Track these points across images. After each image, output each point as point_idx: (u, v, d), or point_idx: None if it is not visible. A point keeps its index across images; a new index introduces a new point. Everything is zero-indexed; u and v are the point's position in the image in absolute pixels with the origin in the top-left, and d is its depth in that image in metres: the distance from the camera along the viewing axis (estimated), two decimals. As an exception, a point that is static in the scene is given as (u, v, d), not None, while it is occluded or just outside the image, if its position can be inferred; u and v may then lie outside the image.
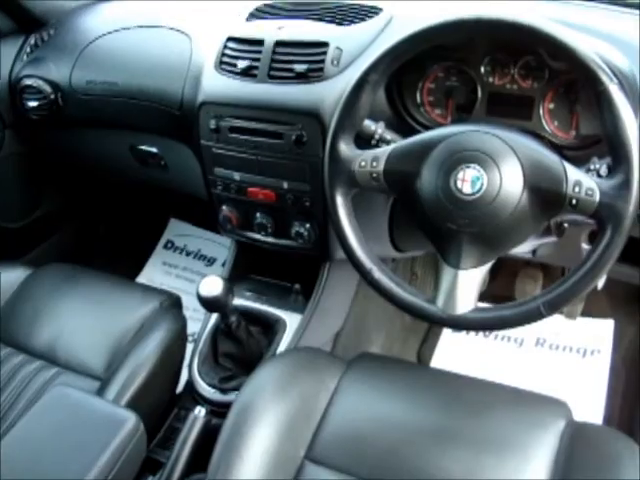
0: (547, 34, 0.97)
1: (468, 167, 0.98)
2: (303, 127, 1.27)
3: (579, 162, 0.99)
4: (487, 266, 1.05)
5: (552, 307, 1.00)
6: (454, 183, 1.00)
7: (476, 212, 0.99)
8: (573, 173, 0.96)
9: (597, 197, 0.94)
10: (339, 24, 1.31)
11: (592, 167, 0.99)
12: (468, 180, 0.99)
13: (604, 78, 0.94)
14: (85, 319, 1.49)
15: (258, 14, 1.46)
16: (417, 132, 1.08)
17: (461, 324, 1.05)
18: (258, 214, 1.45)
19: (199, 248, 2.45)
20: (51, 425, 1.06)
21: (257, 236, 1.49)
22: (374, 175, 1.08)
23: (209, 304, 1.34)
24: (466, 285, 1.04)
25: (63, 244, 2.27)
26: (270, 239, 1.47)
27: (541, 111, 1.14)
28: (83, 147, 1.86)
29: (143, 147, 1.69)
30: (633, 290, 1.79)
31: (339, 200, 1.11)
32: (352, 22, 1.31)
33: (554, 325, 1.99)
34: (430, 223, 1.06)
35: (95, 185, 2.19)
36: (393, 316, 1.96)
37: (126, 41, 1.66)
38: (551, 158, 0.99)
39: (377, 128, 1.14)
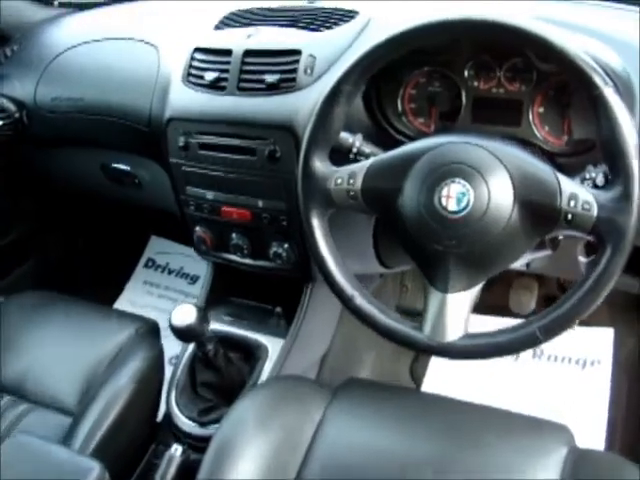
0: (535, 35, 0.90)
1: (453, 182, 0.92)
2: (276, 142, 1.21)
3: (573, 171, 0.94)
4: (477, 288, 0.98)
5: (549, 332, 0.93)
6: (438, 200, 0.93)
7: (463, 231, 0.93)
8: (568, 185, 0.90)
9: (595, 211, 0.87)
10: (312, 30, 1.25)
11: (587, 176, 0.93)
12: (453, 196, 0.92)
13: (598, 81, 0.87)
14: (57, 349, 1.43)
15: (227, 22, 1.39)
16: (399, 143, 1.03)
17: (450, 352, 0.98)
18: (233, 234, 1.38)
19: (181, 266, 2.38)
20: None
21: (233, 257, 1.42)
22: (351, 193, 1.01)
23: (183, 334, 1.26)
24: (455, 310, 0.97)
25: (40, 267, 2.19)
26: (247, 260, 1.41)
27: (530, 116, 1.09)
28: (54, 166, 1.80)
29: (115, 165, 1.63)
30: (632, 298, 1.72)
31: (315, 222, 1.04)
32: (326, 27, 1.25)
33: None
34: (414, 244, 0.99)
35: (71, 204, 2.12)
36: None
37: (92, 55, 1.60)
38: (543, 169, 0.92)
39: (355, 141, 1.07)
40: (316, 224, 1.04)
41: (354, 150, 1.07)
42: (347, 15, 1.26)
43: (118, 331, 1.43)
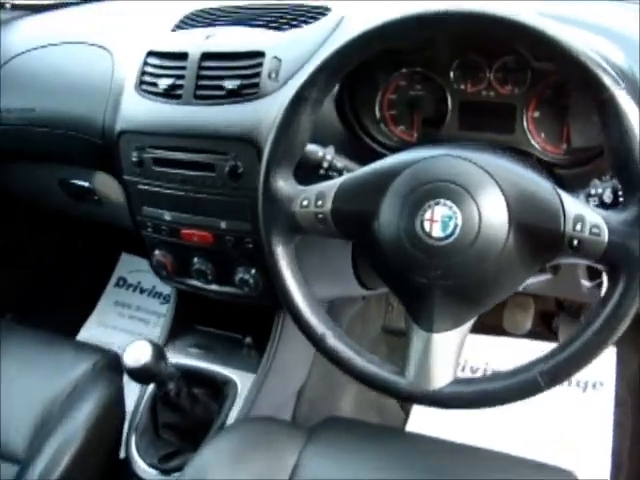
0: (530, 28, 0.77)
1: (437, 203, 0.80)
2: (237, 156, 1.11)
3: (576, 185, 0.84)
4: (467, 326, 0.85)
5: (554, 379, 0.80)
6: (420, 225, 0.81)
7: (450, 261, 0.80)
8: (572, 205, 0.78)
9: (605, 236, 0.76)
10: (278, 29, 1.14)
11: (593, 192, 0.81)
12: (438, 220, 0.80)
13: (608, 82, 0.75)
14: (5, 387, 1.30)
15: (186, 23, 1.27)
16: (377, 155, 0.95)
17: (437, 401, 0.85)
18: (195, 259, 1.27)
19: (153, 285, 2.25)
20: None
21: (197, 283, 1.32)
22: (320, 216, 0.88)
23: (138, 375, 1.13)
24: (442, 352, 0.84)
25: (4, 287, 2.04)
26: (212, 287, 1.30)
27: (525, 121, 1.00)
28: (12, 181, 1.68)
29: (73, 182, 1.52)
30: (635, 316, 1.59)
31: (279, 249, 0.91)
32: (294, 26, 1.14)
33: None
34: (393, 275, 0.87)
35: (34, 221, 2.01)
36: None
37: (44, 61, 1.47)
38: (543, 186, 0.80)
39: (325, 154, 0.95)
40: (280, 252, 0.91)
41: (324, 165, 0.94)
42: (317, 12, 1.15)
43: (74, 365, 1.31)
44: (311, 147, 0.95)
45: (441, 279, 0.81)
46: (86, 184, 1.50)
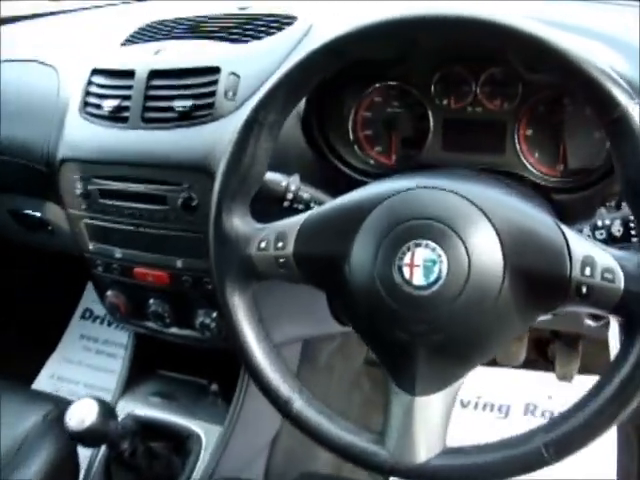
0: (532, 37, 0.66)
1: (418, 245, 0.68)
2: (191, 187, 1.00)
3: (578, 214, 0.76)
4: (456, 386, 0.73)
5: (561, 451, 0.68)
6: (399, 271, 0.68)
7: (435, 313, 0.68)
8: (579, 244, 0.67)
9: (621, 283, 0.65)
10: (237, 41, 1.05)
11: (600, 223, 0.73)
12: (419, 265, 0.67)
13: (621, 98, 0.63)
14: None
15: (136, 37, 1.17)
16: (352, 182, 0.89)
17: (423, 476, 0.73)
18: (151, 300, 1.16)
19: (122, 316, 2.09)
20: None
21: (154, 326, 1.20)
22: (281, 260, 0.76)
23: (83, 439, 1.01)
24: (427, 418, 0.72)
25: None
26: (171, 330, 1.19)
27: (516, 140, 0.92)
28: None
29: (25, 212, 1.41)
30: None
31: (234, 299, 0.79)
32: (255, 37, 1.05)
33: (546, 387, 1.70)
34: (369, 329, 0.75)
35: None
36: (349, 391, 1.63)
37: None
38: (543, 221, 0.69)
39: (289, 184, 0.84)
40: (235, 302, 0.79)
41: (288, 196, 0.84)
42: (282, 22, 1.06)
43: (22, 418, 1.21)
44: (272, 176, 0.83)
45: (425, 334, 0.69)
46: (37, 214, 1.38)
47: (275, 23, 1.06)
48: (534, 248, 0.67)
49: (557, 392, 1.71)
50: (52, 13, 1.56)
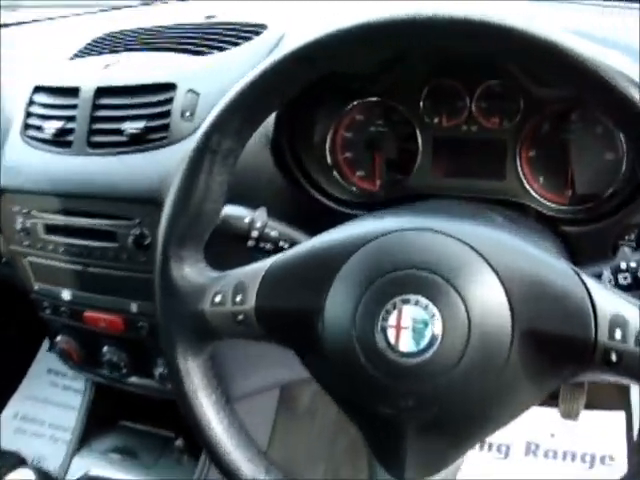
0: (537, 39, 0.54)
1: (406, 302, 0.55)
2: (143, 222, 0.91)
3: (595, 253, 0.72)
4: (453, 469, 0.61)
5: None
6: (382, 333, 0.56)
7: (427, 385, 0.56)
8: (605, 298, 0.55)
9: None
10: (197, 53, 0.96)
11: (623, 266, 0.62)
12: (407, 327, 0.55)
13: None
14: None
15: (88, 49, 1.08)
16: (331, 213, 0.85)
17: None
18: (106, 347, 1.06)
19: (93, 347, 1.98)
20: None
21: (110, 375, 1.10)
22: (240, 317, 0.63)
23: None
24: None
25: None
26: (130, 379, 1.09)
27: (518, 163, 0.84)
28: None
29: None
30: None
31: (186, 366, 0.66)
32: (218, 49, 0.96)
33: (549, 425, 1.60)
34: (348, 400, 0.63)
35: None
36: (333, 436, 1.53)
37: None
38: (558, 268, 0.57)
39: (255, 219, 0.72)
40: (188, 368, 0.67)
41: (253, 235, 0.72)
42: (250, 31, 0.97)
43: None
44: (233, 211, 0.72)
45: (415, 410, 0.57)
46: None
47: (242, 33, 0.98)
48: (549, 304, 0.56)
49: (561, 430, 1.62)
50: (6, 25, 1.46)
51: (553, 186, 0.84)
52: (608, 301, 0.54)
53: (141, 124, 0.91)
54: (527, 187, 0.84)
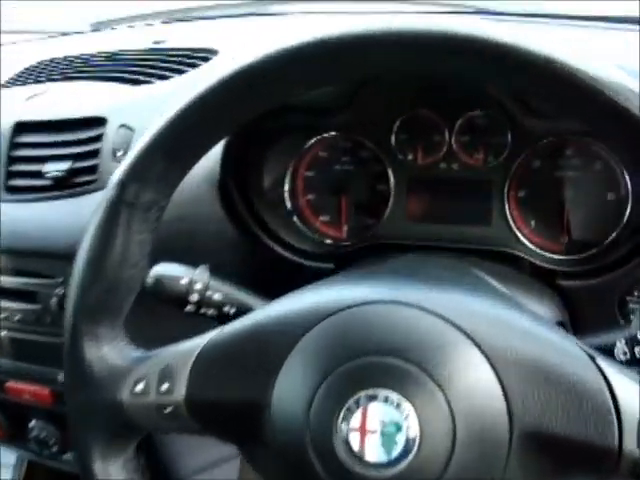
0: (545, 58, 0.45)
1: (373, 399, 0.45)
2: (67, 280, 0.75)
3: (596, 311, 0.69)
4: None
5: None
6: (343, 439, 0.45)
7: None
8: (630, 395, 0.44)
9: None
10: (134, 83, 0.88)
11: None
12: (375, 431, 0.44)
13: None
14: None
15: (17, 78, 1.00)
16: (289, 267, 0.78)
17: None
18: (33, 421, 0.95)
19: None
20: None
21: (40, 452, 0.99)
22: (167, 410, 0.51)
23: None
24: None
25: None
26: (63, 457, 0.97)
27: (505, 206, 0.78)
28: None
29: None
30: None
31: (107, 470, 0.54)
32: (159, 77, 0.88)
33: None
34: None
35: None
36: None
37: None
38: (567, 350, 0.46)
39: (194, 280, 0.59)
40: (108, 473, 0.54)
41: (192, 299, 0.59)
42: (197, 57, 0.90)
43: None
44: (167, 270, 0.60)
45: None
46: None
47: (188, 59, 0.90)
48: (557, 398, 0.45)
49: None
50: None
51: (546, 232, 0.77)
52: (634, 398, 0.43)
53: (66, 165, 0.83)
54: (516, 233, 0.77)
